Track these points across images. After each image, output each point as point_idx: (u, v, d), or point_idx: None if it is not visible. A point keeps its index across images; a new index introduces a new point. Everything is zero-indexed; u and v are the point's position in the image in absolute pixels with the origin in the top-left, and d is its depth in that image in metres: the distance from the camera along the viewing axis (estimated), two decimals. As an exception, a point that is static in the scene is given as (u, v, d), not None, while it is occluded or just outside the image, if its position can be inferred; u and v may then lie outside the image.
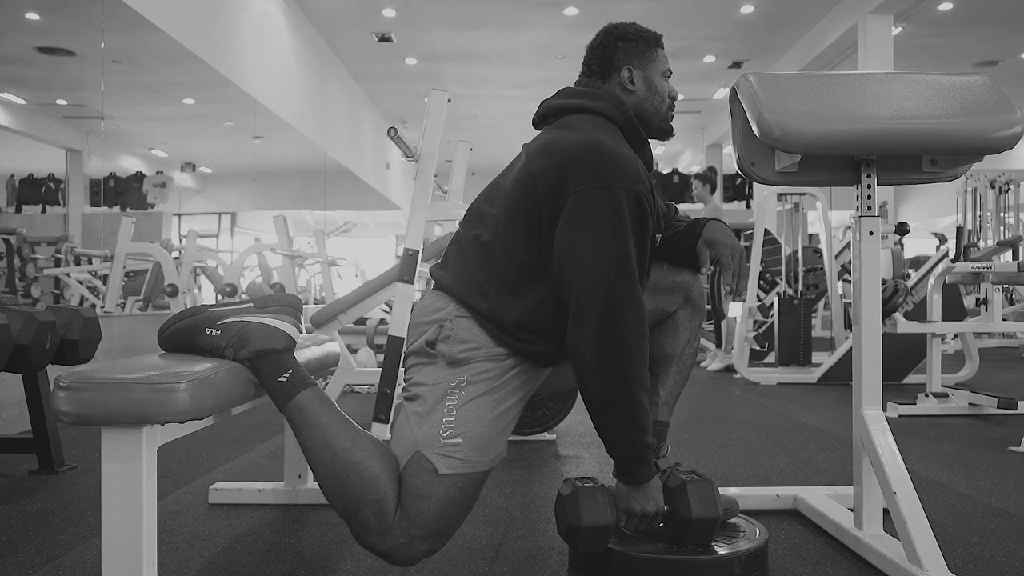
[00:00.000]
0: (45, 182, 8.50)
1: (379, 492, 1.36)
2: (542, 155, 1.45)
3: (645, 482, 1.42)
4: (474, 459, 1.39)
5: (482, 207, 1.54)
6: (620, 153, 1.43)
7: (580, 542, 1.41)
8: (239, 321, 1.42)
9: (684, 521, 1.44)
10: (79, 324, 2.45)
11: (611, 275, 1.36)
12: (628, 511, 1.43)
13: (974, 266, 3.80)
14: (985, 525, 1.87)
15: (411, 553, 1.37)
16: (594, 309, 1.36)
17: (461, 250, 1.53)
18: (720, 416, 3.63)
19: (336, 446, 1.38)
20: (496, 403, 1.44)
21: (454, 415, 1.40)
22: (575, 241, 1.38)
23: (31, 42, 6.61)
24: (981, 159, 1.66)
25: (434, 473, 1.37)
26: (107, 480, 1.21)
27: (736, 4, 9.01)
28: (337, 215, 13.26)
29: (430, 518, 1.37)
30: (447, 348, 1.44)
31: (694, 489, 1.45)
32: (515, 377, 1.47)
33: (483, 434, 1.41)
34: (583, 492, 1.42)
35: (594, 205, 1.38)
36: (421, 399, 1.43)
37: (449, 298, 1.49)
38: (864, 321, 1.65)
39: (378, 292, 2.95)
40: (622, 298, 1.36)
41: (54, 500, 2.13)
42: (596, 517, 1.39)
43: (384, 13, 9.19)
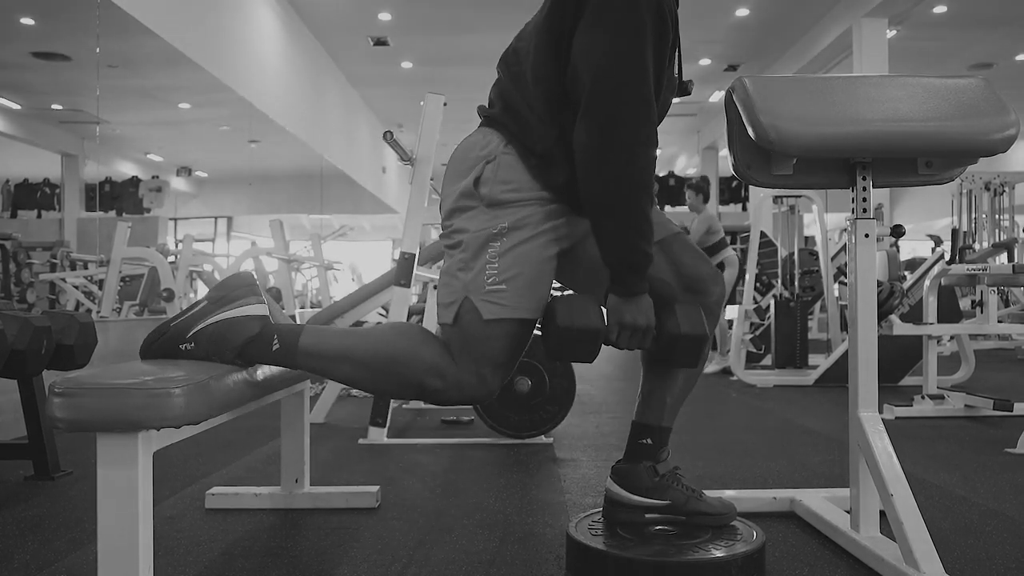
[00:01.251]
0: (40, 187, 8.50)
1: (427, 360, 1.43)
2: None
3: (638, 294, 1.41)
4: (518, 305, 1.43)
5: (516, 44, 1.55)
6: None
7: (567, 345, 1.41)
8: (206, 327, 1.42)
9: (672, 337, 1.43)
10: (75, 329, 2.44)
11: (624, 75, 1.35)
12: (619, 322, 1.41)
13: (970, 268, 3.81)
14: (981, 527, 1.87)
15: (487, 386, 1.45)
16: (602, 106, 1.35)
17: (501, 89, 1.54)
18: (716, 419, 3.63)
19: (363, 359, 1.45)
20: (537, 250, 1.45)
21: (497, 263, 1.42)
22: (592, 42, 1.37)
23: (27, 47, 6.60)
24: (976, 161, 1.66)
25: (480, 319, 1.42)
26: (103, 486, 1.21)
27: (731, 7, 9.04)
28: (333, 219, 13.26)
29: (492, 355, 1.44)
30: (488, 189, 1.44)
31: (682, 308, 1.46)
32: (555, 226, 1.46)
33: (526, 281, 1.43)
34: (576, 299, 1.43)
35: (614, 9, 1.37)
36: (464, 246, 1.45)
37: (494, 132, 1.49)
38: (860, 323, 1.65)
39: (375, 296, 2.96)
40: (633, 98, 1.35)
41: (50, 506, 2.12)
42: (587, 320, 1.39)
43: (380, 17, 9.20)
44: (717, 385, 4.94)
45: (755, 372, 5.24)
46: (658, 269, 1.56)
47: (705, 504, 1.61)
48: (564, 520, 1.92)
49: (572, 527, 1.62)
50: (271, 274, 8.19)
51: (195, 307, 1.45)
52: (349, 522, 1.94)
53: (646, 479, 1.61)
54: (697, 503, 1.61)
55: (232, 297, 1.45)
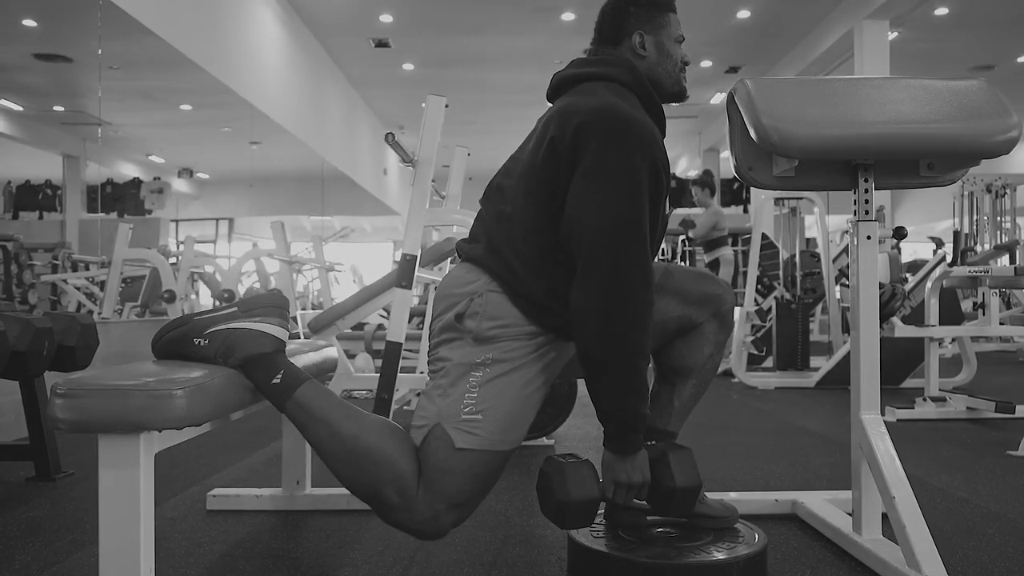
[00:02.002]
0: (42, 188, 8.50)
1: (396, 470, 1.37)
2: (558, 119, 1.44)
3: (634, 452, 1.40)
4: (493, 437, 1.39)
5: (501, 182, 1.54)
6: (635, 117, 1.42)
7: (568, 518, 1.40)
8: (225, 329, 1.42)
9: (668, 491, 1.43)
10: (76, 330, 2.44)
11: (621, 236, 1.34)
12: (615, 481, 1.41)
13: (971, 270, 3.80)
14: (984, 529, 1.87)
15: (439, 526, 1.38)
16: (600, 269, 1.34)
17: (485, 227, 1.52)
18: (718, 421, 3.63)
19: (343, 434, 1.39)
20: (521, 384, 1.43)
21: (476, 392, 1.40)
22: (587, 201, 1.37)
23: (28, 49, 6.61)
24: (978, 163, 1.66)
25: (451, 447, 1.37)
26: (104, 487, 1.21)
27: (733, 9, 9.04)
28: (335, 220, 13.27)
29: (453, 491, 1.37)
30: (475, 324, 1.42)
31: (675, 459, 1.45)
32: (542, 356, 1.45)
33: (505, 414, 1.40)
34: (568, 467, 1.40)
35: (608, 167, 1.36)
36: (445, 373, 1.43)
37: (480, 270, 1.48)
38: (862, 325, 1.65)
39: (376, 297, 2.95)
40: (630, 260, 1.34)
41: (51, 507, 2.12)
42: (583, 491, 1.38)
43: (381, 19, 9.21)
44: (718, 387, 4.93)
45: (756, 374, 5.24)
46: (669, 309, 1.57)
47: (707, 507, 1.61)
48: (565, 522, 1.92)
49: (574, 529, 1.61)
50: (272, 276, 8.18)
51: (221, 309, 1.45)
52: (350, 524, 1.94)
53: (648, 481, 1.61)
54: (699, 505, 1.61)
55: (259, 312, 1.44)
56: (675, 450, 1.47)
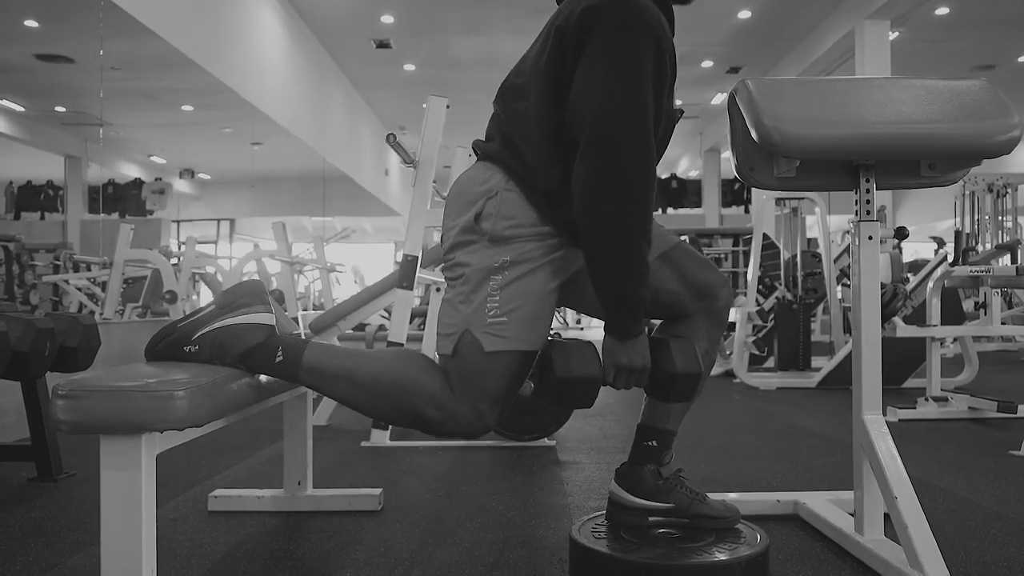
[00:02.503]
0: (44, 189, 8.52)
1: (426, 390, 1.42)
2: (565, 8, 1.44)
3: (634, 336, 1.40)
4: (520, 337, 1.42)
5: (513, 80, 1.54)
6: (642, 3, 1.41)
7: (568, 395, 1.41)
8: (211, 331, 1.42)
9: (669, 376, 1.43)
10: (78, 331, 2.45)
11: (623, 115, 1.34)
12: (616, 364, 1.41)
13: (973, 270, 3.80)
14: (986, 529, 1.87)
15: (484, 422, 1.44)
16: (601, 146, 1.34)
17: (499, 125, 1.53)
18: (720, 421, 3.63)
19: (364, 381, 1.44)
20: (539, 284, 1.44)
21: (498, 295, 1.42)
22: (591, 82, 1.37)
23: (30, 49, 6.62)
24: (979, 163, 1.66)
25: (481, 351, 1.40)
26: (106, 488, 1.21)
27: (734, 9, 9.04)
28: (336, 221, 13.28)
29: (490, 390, 1.43)
30: (490, 225, 1.43)
31: (676, 345, 1.45)
32: (556, 260, 1.46)
33: (528, 314, 1.43)
34: (572, 346, 1.42)
35: (613, 49, 1.36)
36: (465, 279, 1.44)
37: (496, 168, 1.48)
38: (863, 325, 1.65)
39: (377, 298, 2.96)
40: (632, 137, 1.34)
41: (53, 508, 2.12)
42: (585, 368, 1.39)
43: (383, 20, 9.22)
44: (720, 387, 4.93)
45: (758, 374, 5.23)
46: (665, 280, 1.56)
47: (709, 507, 1.61)
48: (567, 523, 1.92)
49: (575, 530, 1.61)
50: (273, 276, 8.19)
51: (202, 311, 1.45)
52: (352, 525, 1.94)
53: (650, 482, 1.61)
54: (701, 506, 1.61)
55: (240, 304, 1.45)
56: (676, 338, 1.47)
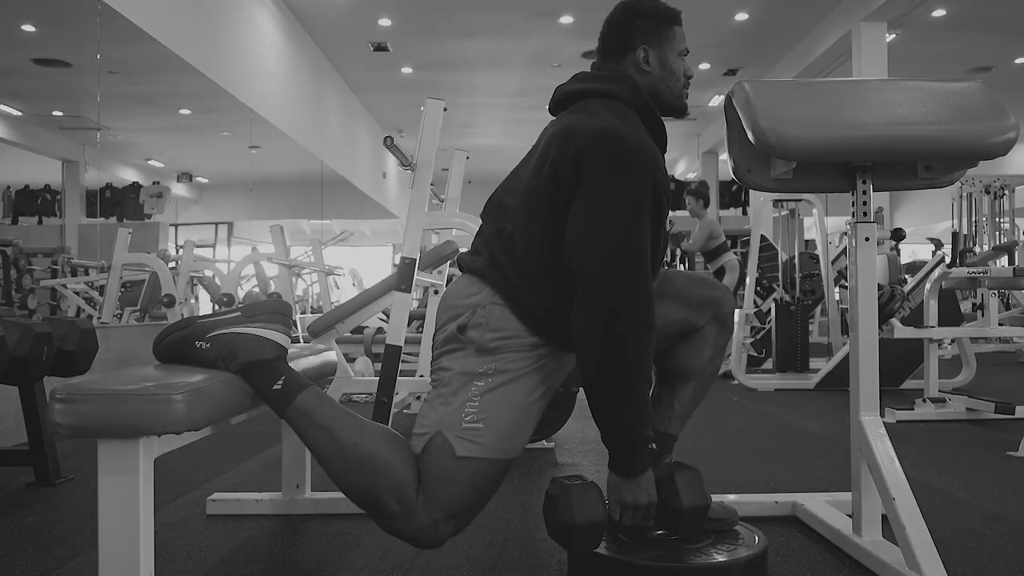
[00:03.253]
0: (41, 193, 8.51)
1: (396, 478, 1.37)
2: (559, 141, 1.44)
3: (639, 474, 1.40)
4: (494, 446, 1.39)
5: (503, 199, 1.54)
6: (637, 140, 1.42)
7: (574, 541, 1.40)
8: (227, 333, 1.42)
9: (676, 511, 1.43)
10: (76, 335, 2.44)
11: (621, 261, 1.35)
12: (621, 503, 1.40)
13: (970, 271, 3.81)
14: (984, 530, 1.87)
15: (437, 535, 1.38)
16: (601, 294, 1.34)
17: (487, 242, 1.53)
18: (718, 423, 3.63)
19: (344, 442, 1.39)
20: (522, 393, 1.43)
21: (478, 401, 1.40)
22: (588, 226, 1.37)
23: (27, 54, 6.62)
24: (975, 165, 1.66)
25: (452, 455, 1.37)
26: (104, 492, 1.21)
27: (731, 11, 9.05)
28: (334, 224, 13.27)
29: (452, 500, 1.37)
30: (478, 335, 1.43)
31: (682, 479, 1.44)
32: (543, 367, 1.45)
33: (506, 423, 1.41)
34: (575, 490, 1.40)
35: (609, 191, 1.37)
36: (447, 382, 1.43)
37: (483, 283, 1.48)
38: (861, 327, 1.65)
39: (375, 301, 2.95)
40: (631, 285, 1.34)
41: (51, 512, 2.12)
42: (589, 514, 1.38)
43: (380, 22, 9.22)
44: (718, 389, 4.93)
45: (756, 376, 5.24)
46: (670, 314, 1.58)
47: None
48: (565, 525, 1.92)
49: (574, 532, 1.61)
50: (272, 279, 8.19)
51: (225, 313, 1.45)
52: (350, 528, 1.94)
53: (648, 484, 1.61)
54: (699, 508, 1.61)
55: (262, 317, 1.44)
56: (681, 470, 1.46)
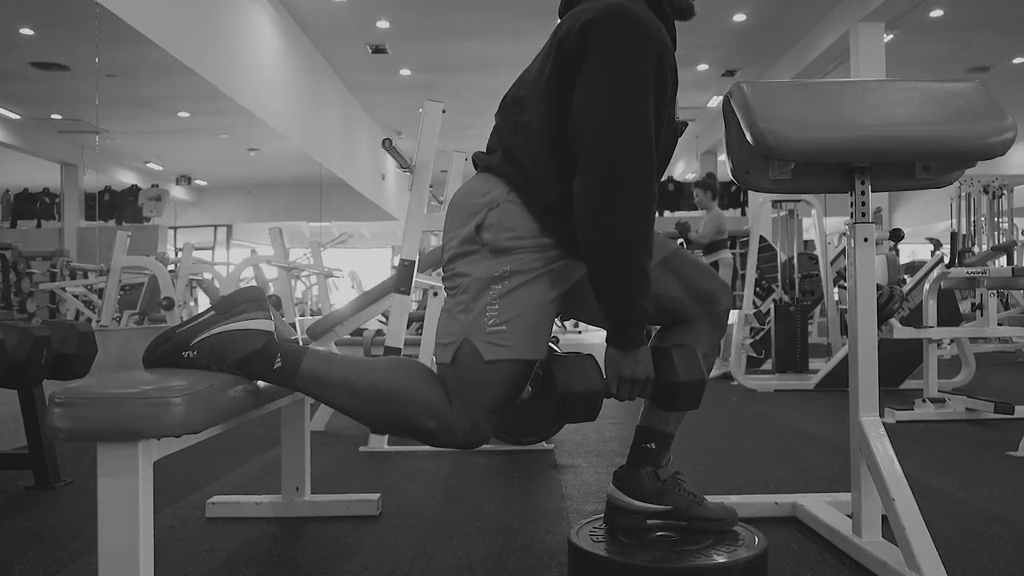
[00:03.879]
0: (40, 197, 8.51)
1: (424, 401, 1.42)
2: (567, 22, 1.44)
3: (636, 348, 1.40)
4: (520, 346, 1.41)
5: (516, 93, 1.54)
6: (641, 15, 1.41)
7: (570, 410, 1.40)
8: (209, 336, 1.42)
9: (672, 385, 1.43)
10: (75, 339, 2.44)
11: (624, 129, 1.34)
12: (618, 376, 1.41)
13: (969, 271, 3.81)
14: (984, 530, 1.87)
15: (480, 434, 1.43)
16: (602, 159, 1.34)
17: (501, 137, 1.52)
18: (717, 424, 3.63)
19: (362, 389, 1.43)
20: (539, 294, 1.44)
21: (498, 304, 1.42)
22: (591, 97, 1.37)
23: (26, 57, 6.62)
24: (973, 165, 1.66)
25: (481, 360, 1.40)
26: (103, 496, 1.20)
27: (729, 12, 9.06)
28: (333, 226, 13.28)
29: (487, 401, 1.42)
30: (492, 236, 1.43)
31: (679, 354, 1.45)
32: (553, 272, 1.46)
33: (528, 324, 1.42)
34: (572, 360, 1.41)
35: (614, 63, 1.36)
36: (465, 289, 1.44)
37: (497, 179, 1.48)
38: (860, 327, 1.65)
39: (374, 303, 2.96)
40: (632, 151, 1.34)
41: (50, 516, 2.12)
42: (587, 383, 1.39)
43: (378, 25, 9.23)
44: (718, 390, 4.93)
45: (756, 377, 5.24)
46: (667, 287, 1.57)
47: (707, 509, 1.61)
48: (565, 527, 1.92)
49: (574, 533, 1.61)
50: (271, 282, 8.19)
51: (201, 316, 1.45)
52: (350, 530, 1.93)
53: (648, 484, 1.61)
54: (699, 508, 1.61)
55: (239, 310, 1.44)
56: (679, 347, 1.47)
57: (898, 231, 5.98)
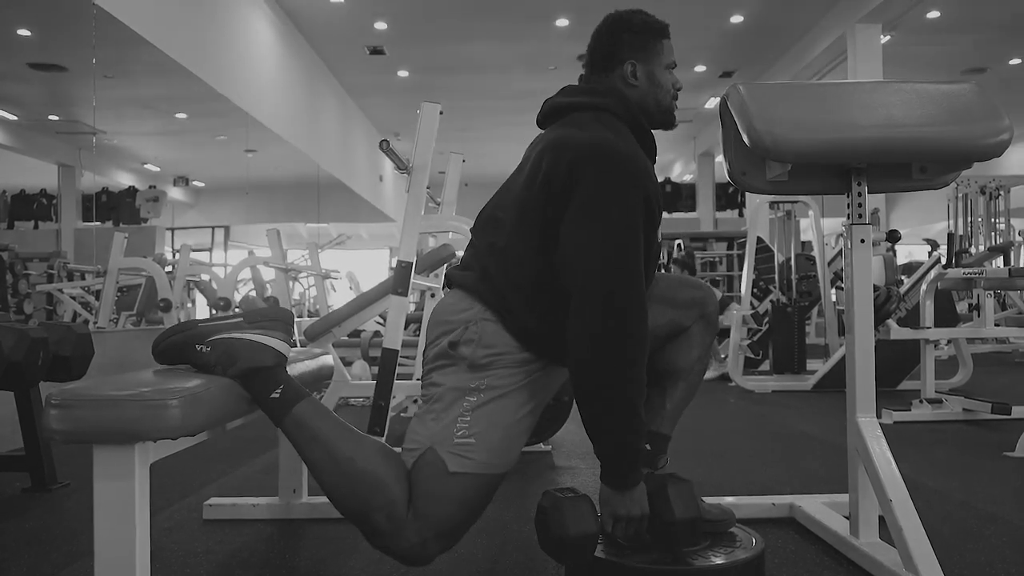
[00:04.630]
0: (37, 198, 8.50)
1: (388, 496, 1.36)
2: (551, 153, 1.44)
3: (632, 486, 1.39)
4: (486, 461, 1.39)
5: (494, 213, 1.54)
6: (627, 151, 1.42)
7: (567, 553, 1.40)
8: (228, 338, 1.41)
9: (668, 524, 1.43)
10: (71, 340, 2.44)
11: (617, 272, 1.35)
12: (614, 515, 1.40)
13: (966, 272, 3.81)
14: (981, 531, 1.87)
15: (425, 553, 1.38)
16: (596, 304, 1.34)
17: (478, 257, 1.52)
18: (715, 425, 3.63)
19: (339, 456, 1.38)
20: (514, 408, 1.43)
21: (469, 416, 1.40)
22: (583, 237, 1.37)
23: (23, 58, 6.62)
24: (970, 166, 1.66)
25: (444, 471, 1.37)
26: (99, 498, 1.20)
27: (726, 14, 9.07)
28: (331, 228, 13.27)
29: (442, 518, 1.37)
30: (470, 351, 1.42)
31: (674, 491, 1.44)
32: (533, 383, 1.45)
33: (497, 438, 1.40)
34: (567, 502, 1.39)
35: (603, 202, 1.36)
36: (438, 398, 1.43)
37: (473, 299, 1.47)
38: (857, 328, 1.65)
39: (372, 305, 2.95)
40: (626, 295, 1.34)
41: (47, 518, 2.11)
42: (582, 526, 1.37)
43: (376, 26, 9.23)
44: (715, 391, 4.93)
45: (753, 378, 5.24)
46: (660, 316, 1.58)
47: (704, 511, 1.61)
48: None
49: (571, 535, 1.61)
50: (268, 283, 8.18)
51: (227, 318, 1.45)
52: (347, 532, 1.93)
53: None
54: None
55: (265, 324, 1.44)
56: (674, 482, 1.46)
57: (895, 232, 5.99)
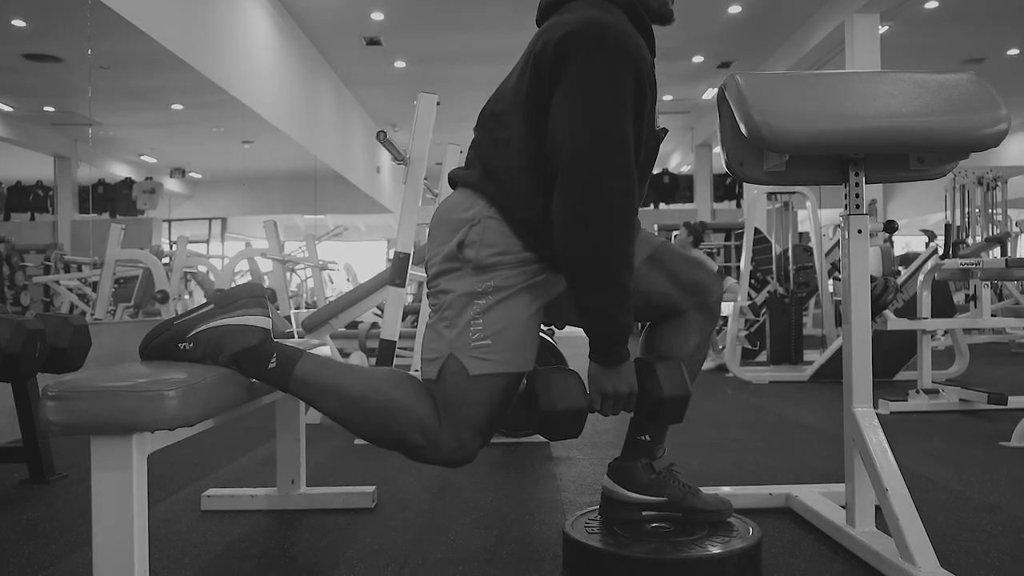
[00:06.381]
0: (33, 189, 8.47)
1: (414, 415, 1.41)
2: (543, 36, 1.43)
3: (620, 363, 1.40)
4: (505, 359, 1.42)
5: (494, 107, 1.53)
6: (618, 27, 1.40)
7: (554, 428, 1.40)
8: (208, 329, 1.42)
9: (656, 400, 1.44)
10: (68, 332, 2.43)
11: (600, 146, 1.34)
12: (601, 392, 1.41)
13: (963, 263, 3.81)
14: (977, 520, 1.88)
15: (466, 453, 1.44)
16: (581, 178, 1.33)
17: (480, 153, 1.52)
18: (712, 415, 3.64)
19: (354, 398, 1.43)
20: (522, 308, 1.44)
21: (482, 320, 1.42)
22: (568, 110, 1.36)
23: (18, 49, 6.58)
24: (967, 156, 1.66)
25: (467, 376, 1.40)
26: (97, 489, 1.20)
27: (724, 4, 9.05)
28: (328, 219, 13.24)
29: (474, 419, 1.42)
30: (474, 253, 1.43)
31: (663, 368, 1.45)
32: (535, 286, 1.46)
33: (513, 337, 1.43)
34: (555, 377, 1.41)
35: (591, 77, 1.35)
36: (448, 305, 1.45)
37: (477, 196, 1.47)
38: (854, 319, 1.66)
39: (370, 296, 2.95)
40: (612, 169, 1.34)
41: (45, 509, 2.11)
42: (570, 401, 1.39)
43: (372, 16, 9.19)
44: (713, 381, 4.94)
45: (750, 368, 5.25)
46: (656, 283, 1.57)
47: (701, 501, 1.62)
48: (560, 518, 1.92)
49: (568, 525, 1.62)
50: (266, 275, 8.17)
51: (199, 309, 1.45)
52: (346, 523, 1.94)
53: (643, 476, 1.61)
54: (694, 500, 1.61)
55: (237, 305, 1.44)
56: (663, 361, 1.47)
57: (892, 223, 5.99)
